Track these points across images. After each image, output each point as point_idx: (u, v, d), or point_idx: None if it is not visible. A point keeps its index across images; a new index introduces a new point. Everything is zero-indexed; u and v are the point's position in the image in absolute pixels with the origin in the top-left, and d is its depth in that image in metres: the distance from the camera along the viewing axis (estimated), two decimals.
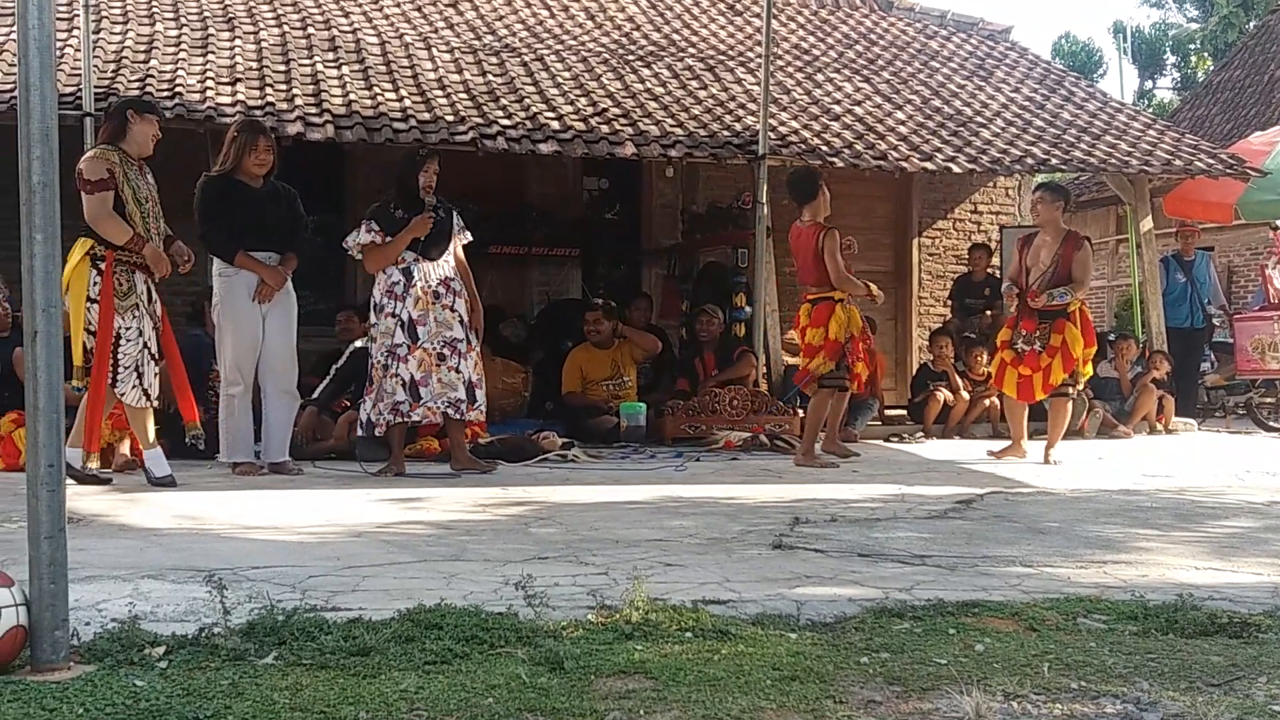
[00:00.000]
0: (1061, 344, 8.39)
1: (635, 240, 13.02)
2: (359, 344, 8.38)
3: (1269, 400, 12.32)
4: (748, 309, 11.01)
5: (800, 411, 9.93)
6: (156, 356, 6.66)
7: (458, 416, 7.32)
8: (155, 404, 6.73)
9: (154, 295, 6.69)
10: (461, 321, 7.30)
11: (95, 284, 6.40)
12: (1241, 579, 4.05)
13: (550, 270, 12.54)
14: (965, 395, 10.89)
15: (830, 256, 8.03)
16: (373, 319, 7.32)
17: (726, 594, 3.60)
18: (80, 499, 5.73)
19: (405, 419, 7.25)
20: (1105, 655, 2.99)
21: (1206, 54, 34.50)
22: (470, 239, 7.65)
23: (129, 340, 6.47)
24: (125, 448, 7.48)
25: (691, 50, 13.03)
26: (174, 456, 6.83)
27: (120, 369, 6.45)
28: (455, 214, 7.57)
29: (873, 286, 8.36)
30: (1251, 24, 29.30)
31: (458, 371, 7.22)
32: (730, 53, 13.11)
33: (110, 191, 6.43)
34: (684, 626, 3.12)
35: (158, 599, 3.43)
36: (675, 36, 13.39)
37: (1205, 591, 3.71)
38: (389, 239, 7.23)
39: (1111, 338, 12.38)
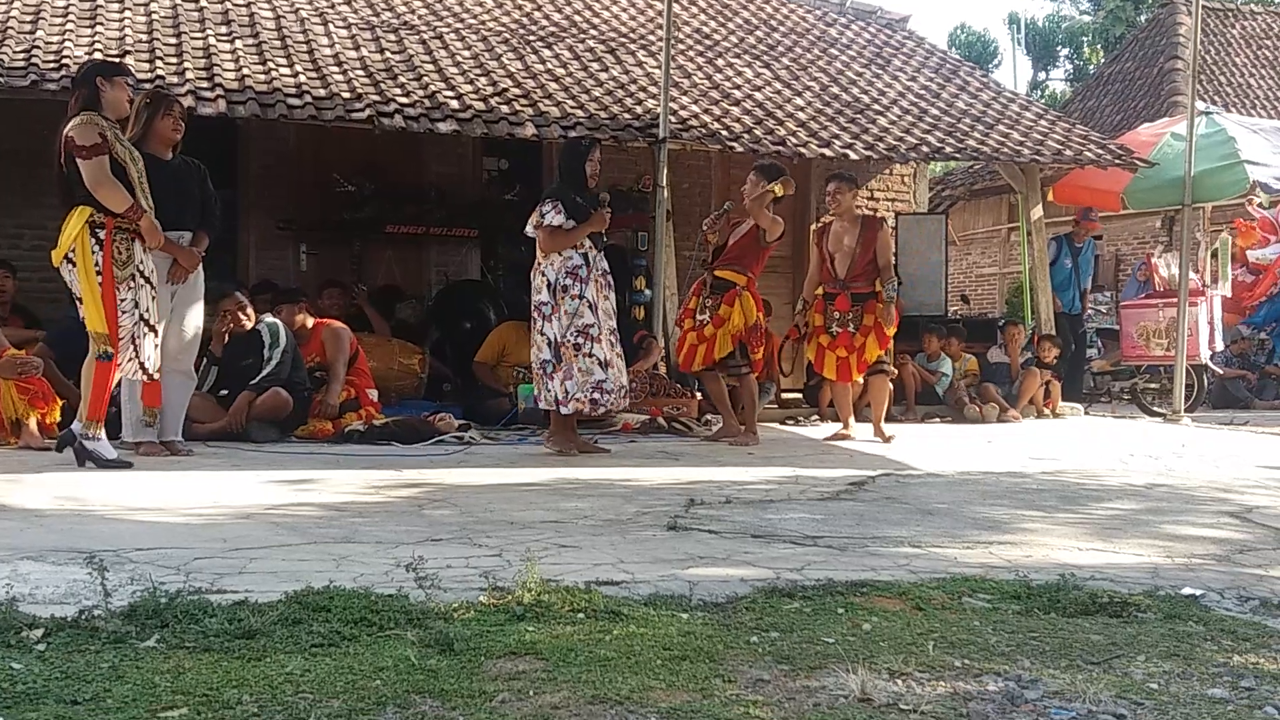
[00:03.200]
0: (874, 323, 8.76)
1: None
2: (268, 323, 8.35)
3: (1153, 386, 12.63)
4: (647, 292, 11.02)
5: (699, 395, 9.99)
6: (154, 327, 6.58)
7: (625, 404, 7.66)
8: (154, 377, 6.66)
9: (151, 264, 6.59)
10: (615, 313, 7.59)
11: (95, 253, 6.32)
12: (1122, 559, 4.15)
13: (449, 251, 12.42)
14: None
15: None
16: (544, 297, 7.43)
17: (620, 575, 3.61)
18: None
19: (604, 397, 7.41)
20: (989, 634, 3.04)
21: (1099, 46, 35.26)
22: None
23: (124, 312, 6.39)
24: (33, 424, 7.30)
25: (593, 32, 12.98)
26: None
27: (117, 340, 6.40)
28: None
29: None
30: (1142, 18, 29.98)
31: (622, 358, 7.56)
32: (631, 35, 13.09)
33: (105, 156, 6.32)
34: (576, 608, 3.12)
35: (36, 580, 3.35)
36: (576, 18, 13.33)
37: (1087, 572, 3.79)
38: (571, 223, 7.39)
39: (1001, 323, 12.59)
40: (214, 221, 7.27)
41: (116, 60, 7.86)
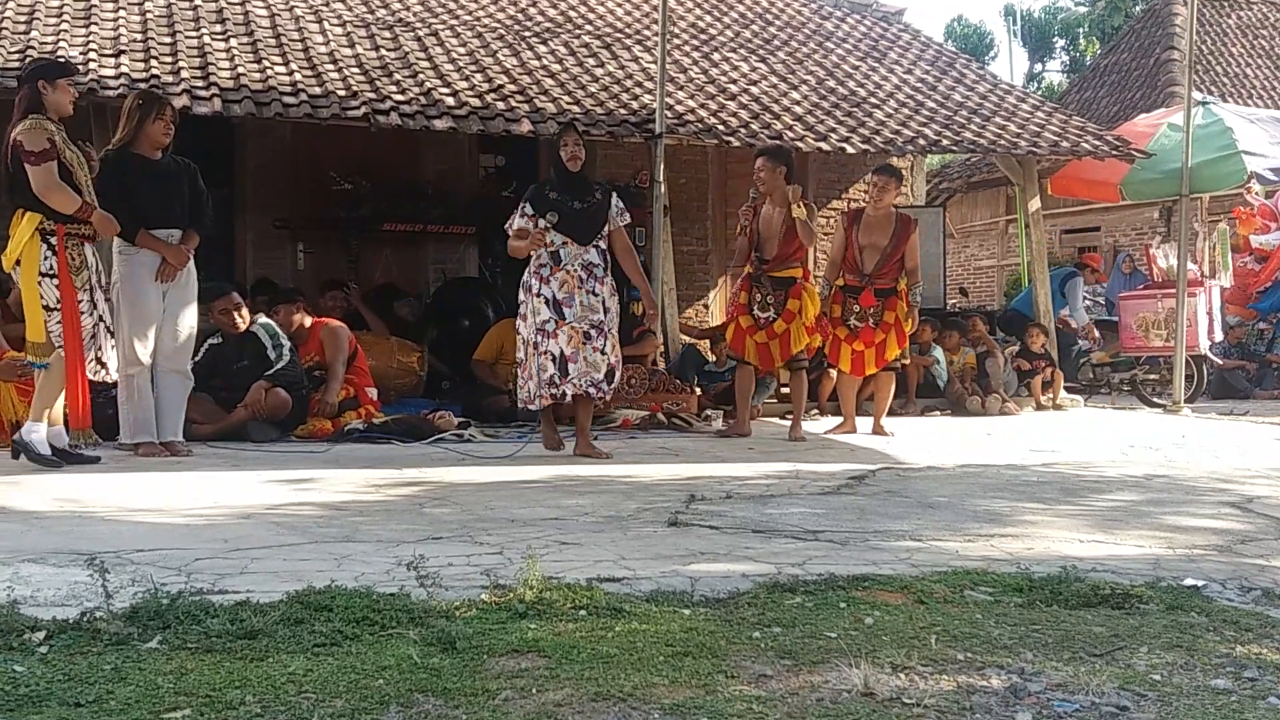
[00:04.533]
0: (895, 320, 8.76)
1: None
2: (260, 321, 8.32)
3: (1152, 377, 12.63)
4: None
5: (698, 390, 9.99)
6: (111, 329, 6.64)
7: (598, 396, 7.49)
8: (113, 377, 6.72)
9: (100, 267, 6.63)
10: (605, 306, 7.46)
11: (47, 259, 6.33)
12: (1124, 551, 4.15)
13: (446, 249, 12.42)
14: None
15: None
16: (521, 298, 7.54)
17: (621, 572, 3.60)
18: None
19: (555, 394, 7.39)
20: (991, 627, 3.04)
21: (1095, 38, 35.25)
22: (628, 220, 7.83)
23: (84, 314, 6.41)
24: None
25: (588, 27, 12.97)
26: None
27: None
28: (614, 196, 7.72)
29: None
30: (1138, 8, 29.96)
31: (602, 353, 7.41)
32: (627, 30, 13.07)
33: (54, 161, 6.32)
34: (578, 605, 3.11)
35: (38, 582, 3.35)
36: (571, 13, 13.31)
37: (1089, 564, 3.79)
38: (541, 220, 7.37)
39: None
40: (204, 220, 7.25)
41: (61, 60, 7.84)
